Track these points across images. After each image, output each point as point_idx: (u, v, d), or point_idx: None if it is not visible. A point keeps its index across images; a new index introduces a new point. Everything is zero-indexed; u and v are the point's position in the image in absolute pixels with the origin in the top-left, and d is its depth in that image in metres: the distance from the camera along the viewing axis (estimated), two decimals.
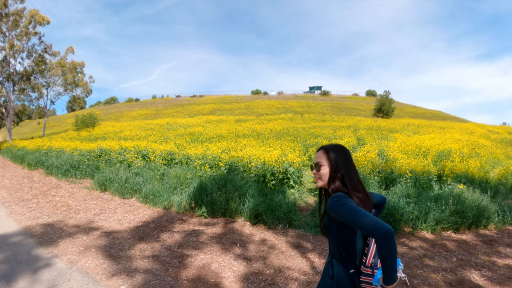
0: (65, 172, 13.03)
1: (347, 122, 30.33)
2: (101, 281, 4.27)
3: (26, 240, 5.87)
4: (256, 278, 4.33)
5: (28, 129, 76.76)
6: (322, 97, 73.50)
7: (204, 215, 7.20)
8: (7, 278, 4.27)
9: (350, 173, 1.96)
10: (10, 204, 8.82)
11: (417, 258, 4.98)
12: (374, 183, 8.46)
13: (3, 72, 38.03)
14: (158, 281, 4.26)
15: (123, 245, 5.60)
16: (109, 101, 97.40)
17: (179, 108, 64.12)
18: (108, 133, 27.98)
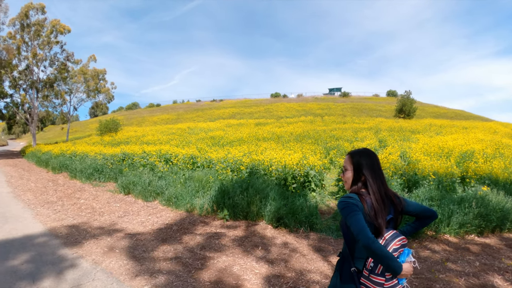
0: (89, 176, 13.34)
1: (368, 124, 30.07)
2: (125, 281, 4.36)
3: (52, 241, 6.05)
4: (277, 280, 4.34)
5: (52, 134, 78.74)
6: (342, 98, 72.77)
7: (226, 218, 7.26)
8: (33, 277, 4.41)
9: (373, 177, 1.99)
10: (36, 206, 9.09)
11: (439, 262, 4.90)
12: (397, 186, 8.26)
13: (27, 80, 39.39)
14: (180, 282, 4.32)
15: (147, 246, 5.71)
16: (130, 106, 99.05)
17: (199, 112, 64.62)
18: (130, 138, 28.42)
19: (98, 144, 24.71)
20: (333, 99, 70.91)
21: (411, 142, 16.77)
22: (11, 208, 8.73)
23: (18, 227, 6.91)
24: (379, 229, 1.87)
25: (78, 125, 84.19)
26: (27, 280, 4.32)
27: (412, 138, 19.15)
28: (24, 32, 38.12)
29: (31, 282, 4.27)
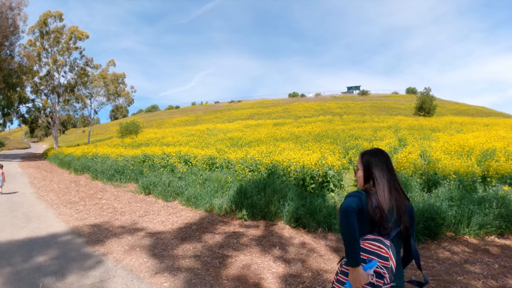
0: (110, 177, 13.66)
1: (387, 122, 29.64)
2: (145, 278, 4.50)
3: (74, 240, 6.27)
4: (294, 280, 4.39)
5: (74, 137, 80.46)
6: (361, 97, 72.23)
7: (244, 217, 7.34)
8: (57, 273, 4.59)
9: (380, 176, 2.04)
10: (59, 206, 9.40)
11: (458, 264, 4.85)
12: (416, 186, 8.17)
13: (48, 85, 40.82)
14: (199, 280, 4.42)
15: (166, 245, 5.85)
16: (150, 109, 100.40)
17: (218, 113, 65.11)
18: (150, 140, 28.78)
19: (119, 146, 25.11)
20: (351, 98, 70.41)
21: (431, 141, 16.46)
22: (35, 208, 9.05)
23: (41, 226, 7.17)
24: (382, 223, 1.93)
25: (99, 127, 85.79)
26: (51, 276, 4.49)
27: (432, 136, 18.74)
28: (44, 39, 39.58)
29: (55, 278, 4.45)
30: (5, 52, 31.76)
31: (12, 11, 31.03)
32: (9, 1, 30.41)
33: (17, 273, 4.57)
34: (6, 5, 30.07)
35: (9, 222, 7.48)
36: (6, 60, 31.68)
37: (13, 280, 4.34)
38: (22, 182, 14.51)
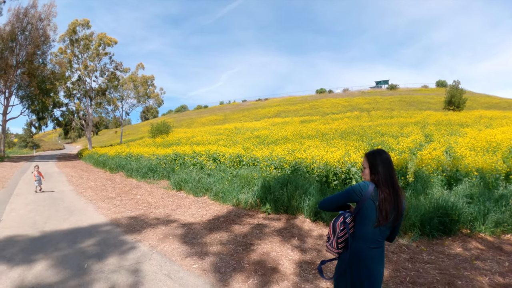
0: (144, 174, 14.53)
1: (415, 118, 29.33)
2: (177, 261, 5.18)
3: (114, 229, 7.05)
4: (308, 266, 4.87)
5: (106, 137, 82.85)
6: (390, 91, 70.50)
7: (268, 211, 7.89)
8: (100, 256, 5.33)
9: (383, 173, 2.47)
10: (97, 201, 10.25)
11: (468, 260, 4.89)
12: (437, 182, 8.10)
13: (80, 89, 43.03)
14: (223, 263, 5.02)
15: (196, 234, 6.52)
16: (179, 109, 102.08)
17: (245, 112, 65.44)
18: (181, 139, 29.67)
19: (151, 146, 26.04)
20: (380, 93, 68.96)
21: (458, 137, 16.25)
22: (75, 203, 9.91)
23: (83, 219, 7.99)
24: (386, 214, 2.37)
25: (131, 128, 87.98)
26: (95, 258, 5.23)
27: (460, 132, 18.50)
28: (74, 46, 41.87)
29: (98, 260, 5.18)
30: (38, 61, 33.66)
31: (42, 22, 32.86)
32: (38, 13, 32.22)
33: (65, 256, 5.33)
34: (36, 17, 31.84)
35: (53, 215, 8.32)
36: (39, 68, 33.56)
37: (62, 262, 5.07)
38: (60, 180, 15.54)
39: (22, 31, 30.84)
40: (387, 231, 2.48)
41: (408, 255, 5.05)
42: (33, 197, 10.62)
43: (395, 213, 2.42)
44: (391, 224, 2.45)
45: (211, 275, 4.63)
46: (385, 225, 2.40)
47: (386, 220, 2.37)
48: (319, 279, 4.40)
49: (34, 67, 32.52)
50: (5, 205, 9.38)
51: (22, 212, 8.59)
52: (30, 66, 31.84)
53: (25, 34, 31.18)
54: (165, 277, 4.53)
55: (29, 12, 31.25)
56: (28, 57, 31.55)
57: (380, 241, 2.44)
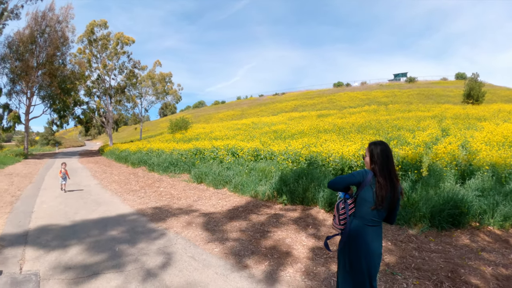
0: (165, 168, 15.13)
1: (433, 111, 29.06)
2: (200, 245, 5.68)
3: (140, 218, 7.61)
4: (320, 252, 5.23)
5: (126, 133, 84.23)
6: (408, 84, 69.11)
7: (284, 202, 8.30)
8: (130, 241, 5.87)
9: (381, 162, 2.83)
10: (122, 193, 10.86)
11: (474, 251, 5.00)
12: (450, 176, 8.06)
13: (100, 88, 44.27)
14: (242, 247, 5.49)
15: (217, 222, 7.00)
16: (197, 105, 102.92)
17: (262, 107, 65.44)
18: (199, 134, 30.18)
19: (171, 141, 26.60)
20: (398, 86, 67.76)
21: (475, 131, 16.13)
22: (101, 196, 10.51)
23: (110, 209, 8.57)
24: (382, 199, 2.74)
25: (150, 124, 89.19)
26: (125, 244, 5.76)
27: (477, 126, 18.28)
28: (92, 46, 43.07)
29: (127, 245, 5.70)
30: (57, 61, 34.75)
31: (60, 24, 33.84)
32: (56, 15, 33.19)
33: (97, 242, 5.87)
34: (54, 19, 32.82)
35: (81, 206, 8.90)
36: (59, 68, 34.69)
37: (94, 246, 5.60)
38: (85, 175, 16.22)
39: (41, 34, 31.79)
40: (384, 213, 2.83)
41: (416, 245, 5.29)
42: (61, 191, 11.20)
43: (391, 198, 2.78)
44: (387, 208, 2.80)
45: (231, 257, 5.08)
46: (382, 208, 2.76)
47: (381, 204, 2.73)
48: (329, 263, 4.77)
49: (54, 67, 33.61)
50: (35, 198, 9.97)
51: (52, 204, 9.16)
52: (50, 67, 32.89)
53: (44, 36, 32.13)
54: (189, 259, 5.01)
55: (47, 15, 32.20)
56: (48, 59, 32.56)
57: (376, 221, 2.80)
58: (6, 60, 31.11)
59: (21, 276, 4.40)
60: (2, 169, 17.47)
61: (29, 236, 6.18)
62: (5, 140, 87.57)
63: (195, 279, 4.33)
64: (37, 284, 4.17)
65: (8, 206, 8.77)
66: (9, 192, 10.75)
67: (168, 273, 4.52)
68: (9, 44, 30.90)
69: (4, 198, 9.71)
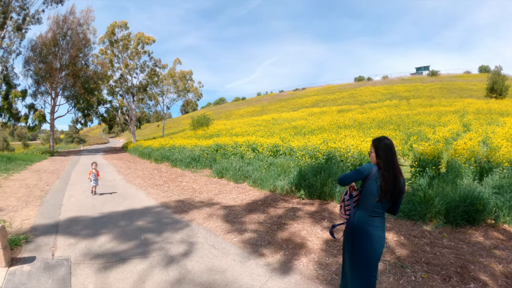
0: (188, 164, 15.60)
1: (455, 106, 28.72)
2: (220, 235, 6.06)
3: (164, 210, 8.06)
4: (333, 244, 5.47)
5: (148, 131, 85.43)
6: (431, 78, 67.74)
7: (302, 197, 8.55)
8: (154, 231, 6.31)
9: (386, 157, 3.06)
10: (146, 188, 11.32)
11: (486, 248, 5.01)
12: (468, 173, 8.09)
13: (122, 87, 45.44)
14: (259, 238, 5.82)
15: (237, 214, 7.37)
16: (218, 101, 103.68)
17: (283, 103, 65.20)
18: (220, 131, 30.54)
19: (193, 138, 27.01)
20: (420, 79, 66.51)
21: (496, 126, 16.02)
22: (127, 190, 10.98)
23: (136, 202, 9.03)
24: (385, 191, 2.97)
25: (171, 121, 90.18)
26: (152, 233, 6.19)
27: (499, 121, 18.13)
28: (114, 47, 44.17)
29: (153, 234, 6.13)
30: (80, 63, 35.72)
31: (81, 27, 34.80)
32: (77, 18, 34.13)
33: (124, 231, 6.30)
34: (75, 22, 33.78)
35: (108, 200, 9.38)
36: (82, 69, 35.73)
37: (122, 235, 6.05)
38: (110, 171, 16.78)
39: (63, 37, 32.80)
40: (387, 205, 3.06)
41: (429, 240, 5.41)
42: (87, 186, 11.54)
43: (394, 191, 3.00)
44: (390, 200, 3.03)
45: (249, 246, 5.42)
46: (385, 200, 2.99)
47: (385, 197, 2.95)
48: (341, 254, 4.94)
49: (77, 68, 34.60)
50: (63, 193, 10.48)
51: (79, 198, 9.65)
52: (73, 68, 33.90)
53: (66, 39, 33.12)
54: (210, 247, 5.38)
55: (68, 19, 33.13)
56: (71, 60, 33.58)
57: (380, 212, 3.03)
58: (30, 62, 32.23)
59: (53, 261, 4.81)
60: (30, 166, 18.14)
61: (59, 226, 6.63)
62: (30, 139, 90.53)
63: (214, 265, 4.68)
64: (68, 268, 4.57)
65: (38, 199, 9.27)
66: (38, 187, 11.28)
67: (190, 259, 4.89)
68: (32, 48, 32.07)
69: (34, 193, 10.24)
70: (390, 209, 3.14)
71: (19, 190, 10.56)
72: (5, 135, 69.80)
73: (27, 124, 33.31)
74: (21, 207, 8.22)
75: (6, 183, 11.61)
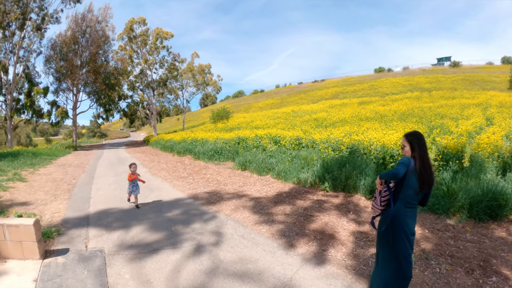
0: (210, 157, 15.85)
1: (478, 99, 28.07)
2: (248, 226, 6.24)
3: (192, 202, 8.28)
4: (360, 235, 5.59)
5: (169, 124, 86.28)
6: (452, 69, 66.14)
7: (326, 189, 8.64)
8: (184, 222, 6.52)
9: (423, 151, 3.21)
10: (172, 180, 11.55)
11: (508, 243, 5.04)
12: (492, 168, 7.92)
13: (143, 82, 46.31)
14: (287, 229, 5.95)
15: (263, 206, 7.51)
16: (236, 94, 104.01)
17: (302, 95, 64.92)
18: (241, 123, 30.72)
19: (214, 131, 27.32)
20: (442, 70, 65.10)
21: None
22: (152, 182, 11.17)
23: (162, 194, 9.26)
24: (424, 183, 3.13)
25: (191, 115, 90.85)
26: (180, 224, 6.40)
27: None
28: (132, 43, 45.17)
29: (183, 225, 6.34)
30: (100, 59, 36.60)
31: (100, 24, 35.61)
32: (95, 16, 34.92)
33: (155, 223, 6.51)
34: (94, 20, 34.60)
35: None
36: (102, 66, 36.62)
37: (153, 227, 6.24)
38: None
39: (82, 34, 33.63)
40: (420, 196, 3.22)
41: (452, 234, 5.47)
42: (113, 178, 11.98)
43: (430, 183, 3.18)
44: (426, 191, 3.21)
45: (277, 237, 5.56)
46: (424, 191, 3.17)
47: (424, 188, 3.14)
48: (368, 246, 5.13)
49: (98, 65, 35.44)
50: (90, 186, 10.77)
51: (107, 191, 9.90)
52: (94, 65, 34.74)
53: (86, 36, 33.97)
54: (239, 238, 5.55)
55: (86, 17, 33.95)
56: (91, 57, 34.44)
57: (414, 203, 3.19)
58: (51, 61, 33.24)
59: (87, 253, 5.01)
60: (55, 160, 18.69)
61: (90, 219, 6.87)
62: (52, 134, 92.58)
63: (246, 255, 4.84)
64: (103, 259, 4.76)
65: (66, 193, 9.55)
66: (65, 181, 11.58)
67: (222, 249, 5.06)
68: (52, 46, 33.06)
69: (62, 186, 10.53)
70: (421, 201, 3.29)
71: (46, 184, 10.88)
72: (28, 131, 71.57)
73: (50, 121, 34.27)
74: (50, 201, 8.48)
75: (33, 178, 11.98)
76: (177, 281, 4.13)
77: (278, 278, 4.15)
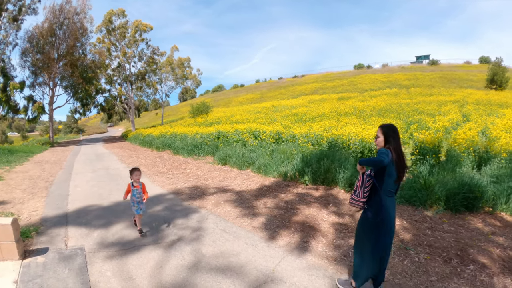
0: (190, 152, 15.75)
1: (455, 96, 28.79)
2: (229, 220, 6.27)
3: (173, 197, 8.21)
4: (341, 226, 5.71)
5: (147, 119, 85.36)
6: (431, 67, 67.94)
7: (306, 182, 8.73)
8: (166, 218, 6.48)
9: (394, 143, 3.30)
10: (151, 175, 11.42)
11: (485, 234, 5.19)
12: (467, 162, 8.22)
13: (121, 75, 45.35)
14: (269, 222, 6.02)
15: (244, 200, 7.54)
16: (216, 88, 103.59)
17: (282, 90, 65.25)
18: (220, 118, 30.61)
19: (193, 125, 27.11)
20: (421, 68, 66.84)
21: (496, 118, 16.12)
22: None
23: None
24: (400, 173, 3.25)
25: (170, 109, 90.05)
26: (163, 220, 6.38)
27: (498, 112, 18.24)
28: (111, 35, 43.93)
29: (164, 220, 6.31)
30: (78, 52, 35.52)
31: (78, 16, 34.44)
32: (73, 7, 33.79)
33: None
34: (72, 11, 33.43)
35: (114, 188, 9.40)
36: (80, 59, 35.51)
37: (133, 224, 6.02)
38: (112, 160, 16.75)
39: (60, 26, 32.45)
40: (397, 186, 3.37)
41: (430, 225, 5.63)
42: (92, 175, 11.68)
43: (404, 173, 3.33)
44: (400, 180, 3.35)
45: (259, 230, 5.62)
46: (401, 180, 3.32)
47: (402, 178, 3.31)
48: (348, 237, 5.23)
49: (75, 58, 34.40)
50: (68, 183, 10.46)
51: (85, 187, 9.66)
52: (71, 57, 33.66)
53: (63, 28, 32.79)
54: (221, 231, 5.57)
55: (65, 8, 32.76)
56: (68, 50, 33.31)
57: (393, 192, 3.33)
58: (27, 54, 32.02)
59: (67, 251, 4.89)
60: (32, 158, 18.13)
61: (69, 217, 6.69)
62: (28, 130, 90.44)
63: (228, 248, 4.87)
64: (83, 258, 4.66)
65: (43, 190, 9.28)
66: (42, 178, 11.26)
67: (204, 244, 5.06)
68: (29, 39, 31.76)
69: (39, 184, 10.23)
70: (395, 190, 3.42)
71: (23, 182, 10.58)
72: (3, 127, 69.79)
73: (26, 116, 33.20)
74: (28, 199, 8.24)
75: (10, 176, 11.64)
76: (160, 276, 4.11)
77: (261, 270, 4.19)
